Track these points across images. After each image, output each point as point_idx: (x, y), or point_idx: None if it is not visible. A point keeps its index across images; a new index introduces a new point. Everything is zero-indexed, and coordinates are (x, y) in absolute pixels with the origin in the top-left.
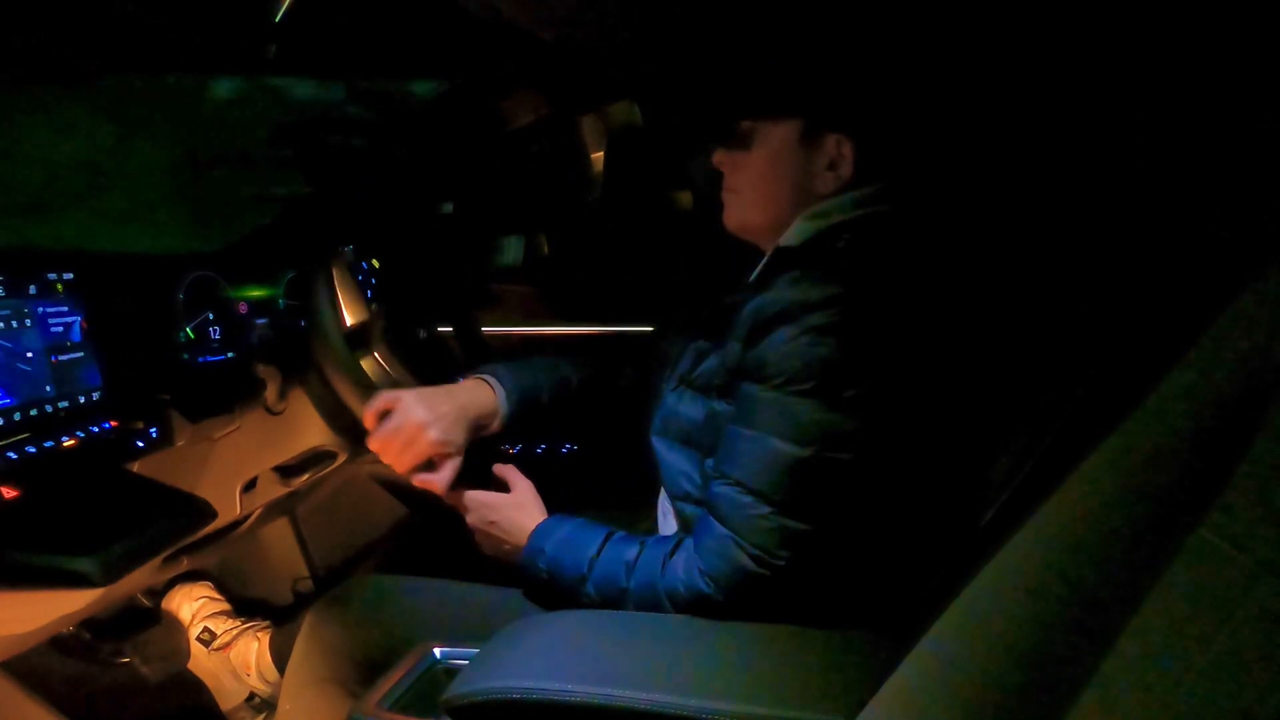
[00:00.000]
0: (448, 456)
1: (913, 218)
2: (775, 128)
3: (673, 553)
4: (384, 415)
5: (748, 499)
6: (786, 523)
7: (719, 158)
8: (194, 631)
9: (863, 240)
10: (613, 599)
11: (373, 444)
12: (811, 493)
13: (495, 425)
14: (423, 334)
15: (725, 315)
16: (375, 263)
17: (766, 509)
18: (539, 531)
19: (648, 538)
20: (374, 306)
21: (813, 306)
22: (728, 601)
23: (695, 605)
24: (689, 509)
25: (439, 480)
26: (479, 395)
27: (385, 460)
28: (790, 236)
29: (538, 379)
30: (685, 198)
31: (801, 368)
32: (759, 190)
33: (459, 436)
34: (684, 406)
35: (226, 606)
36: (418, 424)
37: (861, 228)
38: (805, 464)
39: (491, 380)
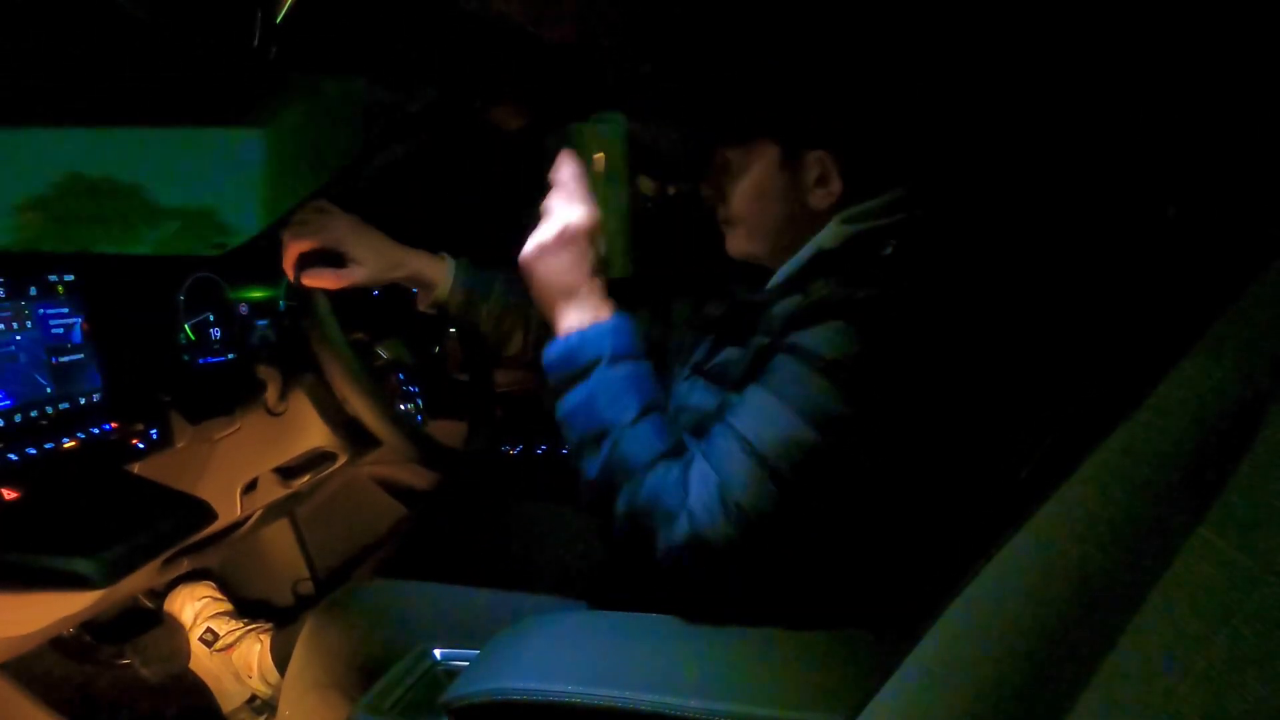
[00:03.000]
0: (346, 265)
1: (952, 221)
2: (752, 155)
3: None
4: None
5: (747, 459)
6: (777, 496)
7: (706, 193)
8: (196, 632)
9: (908, 245)
10: (622, 471)
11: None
12: (808, 473)
13: (426, 299)
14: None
15: (748, 312)
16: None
17: (760, 471)
18: (607, 329)
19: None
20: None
21: (857, 304)
22: (705, 545)
23: (695, 533)
24: None
25: (327, 276)
26: (425, 257)
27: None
28: (827, 239)
29: (501, 292)
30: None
31: (836, 357)
32: (754, 220)
33: (367, 254)
34: (696, 396)
35: (229, 607)
36: (339, 217)
37: (904, 232)
38: (812, 445)
39: (449, 259)
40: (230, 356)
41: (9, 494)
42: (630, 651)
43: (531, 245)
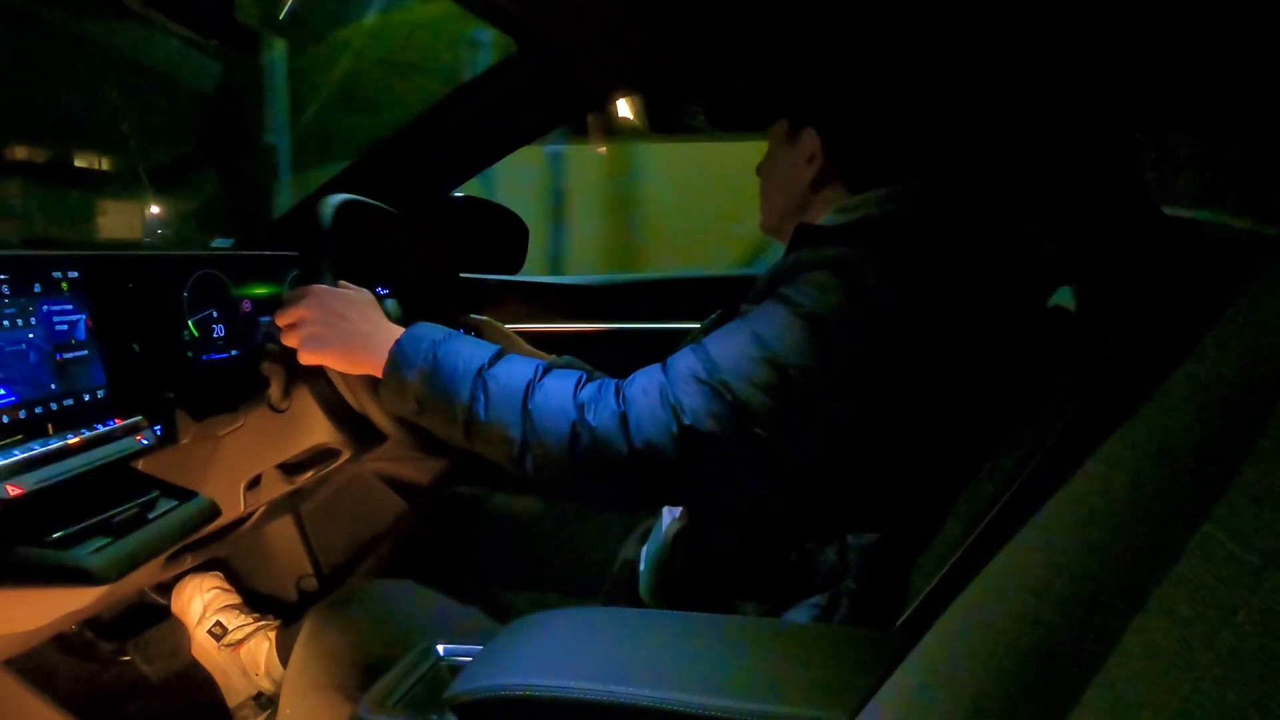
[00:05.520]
0: None
1: (940, 213)
2: (777, 130)
3: (592, 377)
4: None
5: (699, 364)
6: (713, 403)
7: (758, 166)
8: (205, 625)
9: (892, 230)
10: (510, 392)
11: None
12: (754, 396)
13: None
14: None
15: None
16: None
17: (707, 378)
18: (423, 325)
19: None
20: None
21: (834, 260)
22: (636, 437)
23: (603, 423)
24: None
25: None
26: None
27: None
28: (819, 222)
29: None
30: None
31: (803, 297)
32: (768, 191)
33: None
34: None
35: (237, 600)
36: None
37: (891, 221)
38: (762, 365)
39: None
40: (234, 353)
41: (13, 490)
42: (634, 648)
43: (312, 348)
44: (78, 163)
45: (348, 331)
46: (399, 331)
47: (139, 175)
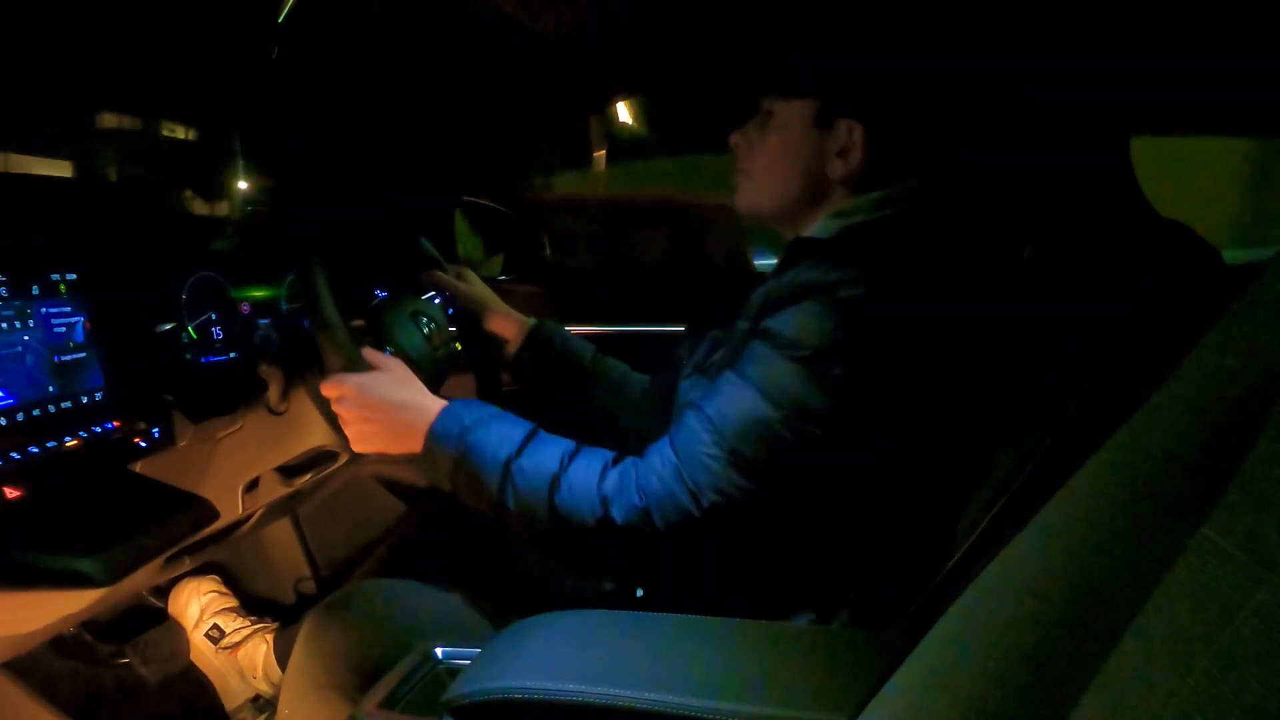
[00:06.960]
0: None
1: (937, 220)
2: (790, 110)
3: (615, 462)
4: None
5: (707, 436)
6: (730, 473)
7: (735, 139)
8: (202, 628)
9: (888, 238)
10: (537, 486)
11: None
12: (768, 454)
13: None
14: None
15: (741, 304)
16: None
17: (718, 452)
18: (457, 405)
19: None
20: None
21: (828, 286)
22: (661, 524)
23: (627, 517)
24: None
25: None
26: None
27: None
28: (813, 231)
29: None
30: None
31: (801, 335)
32: (771, 173)
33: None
34: (695, 394)
35: (234, 603)
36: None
37: (887, 227)
38: (772, 424)
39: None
40: (232, 356)
41: (11, 493)
42: (632, 650)
43: (362, 445)
44: None
45: (387, 421)
46: (437, 408)
47: None
